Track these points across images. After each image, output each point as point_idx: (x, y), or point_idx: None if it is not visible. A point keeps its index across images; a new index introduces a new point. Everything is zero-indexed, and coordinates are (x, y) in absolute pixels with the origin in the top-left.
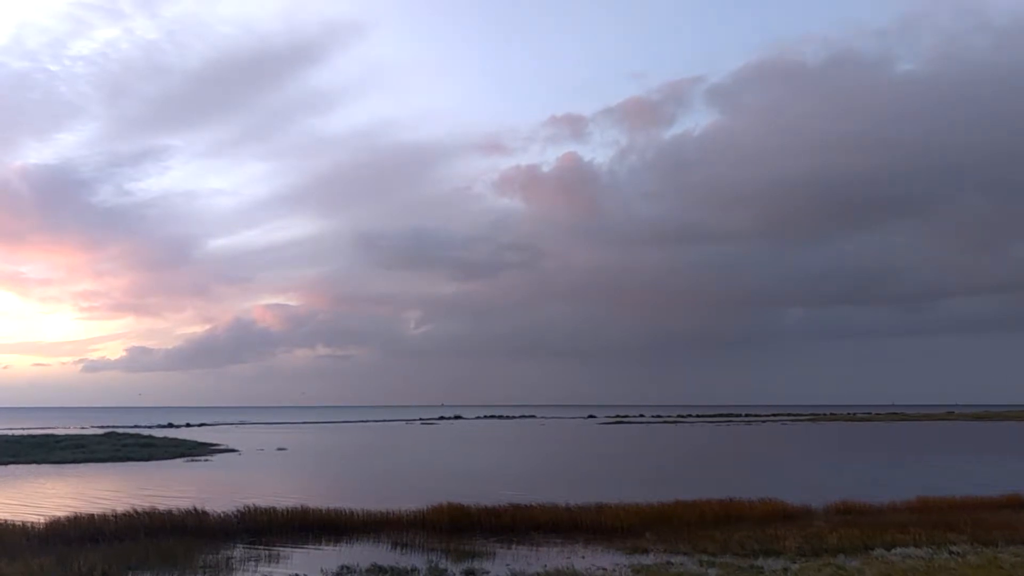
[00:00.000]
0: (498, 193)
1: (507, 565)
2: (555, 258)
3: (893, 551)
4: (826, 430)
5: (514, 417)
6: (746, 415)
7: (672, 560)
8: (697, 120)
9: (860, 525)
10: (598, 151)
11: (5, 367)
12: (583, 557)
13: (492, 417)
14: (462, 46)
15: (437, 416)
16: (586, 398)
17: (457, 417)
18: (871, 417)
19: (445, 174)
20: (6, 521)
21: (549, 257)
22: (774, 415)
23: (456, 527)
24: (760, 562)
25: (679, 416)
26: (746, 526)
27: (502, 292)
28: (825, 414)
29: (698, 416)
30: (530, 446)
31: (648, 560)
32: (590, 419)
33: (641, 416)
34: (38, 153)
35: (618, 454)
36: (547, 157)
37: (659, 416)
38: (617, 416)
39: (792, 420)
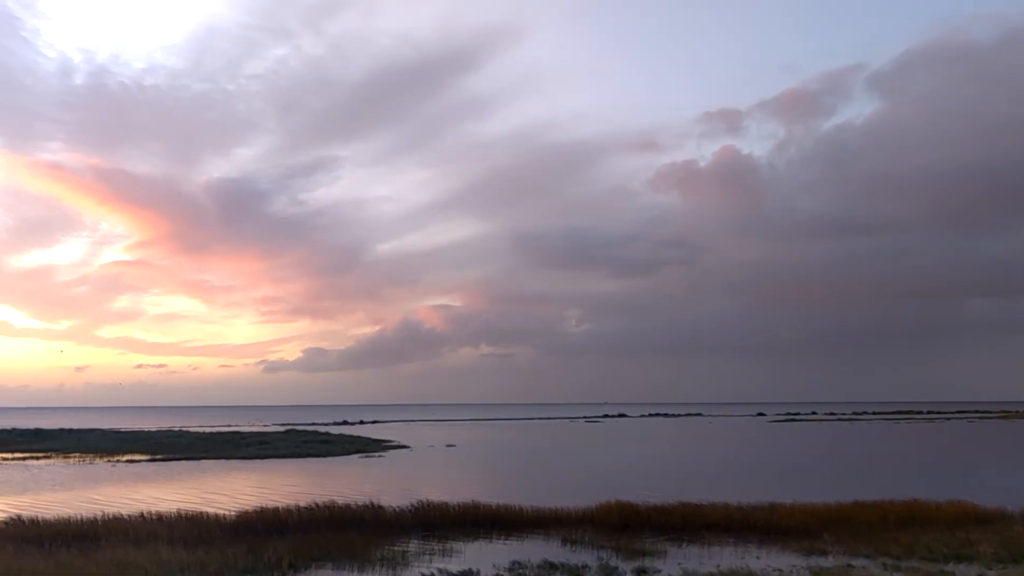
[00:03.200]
0: (654, 190)
1: (679, 564)
2: (715, 254)
3: None
4: (1019, 428)
5: (679, 415)
6: (928, 412)
7: (852, 563)
8: (859, 109)
9: None
10: (755, 145)
11: (194, 368)
12: (757, 558)
13: (656, 415)
14: (614, 46)
15: (601, 414)
16: (754, 395)
17: (621, 415)
18: None
19: (600, 173)
20: (202, 512)
21: (708, 253)
22: (959, 412)
23: (625, 525)
24: (951, 568)
25: (854, 413)
26: (934, 529)
27: (662, 289)
28: (1018, 411)
29: (874, 413)
30: (697, 444)
31: (827, 563)
32: (759, 417)
33: (813, 413)
34: (219, 168)
35: (790, 453)
36: (703, 152)
37: (832, 413)
38: (788, 414)
39: (980, 417)
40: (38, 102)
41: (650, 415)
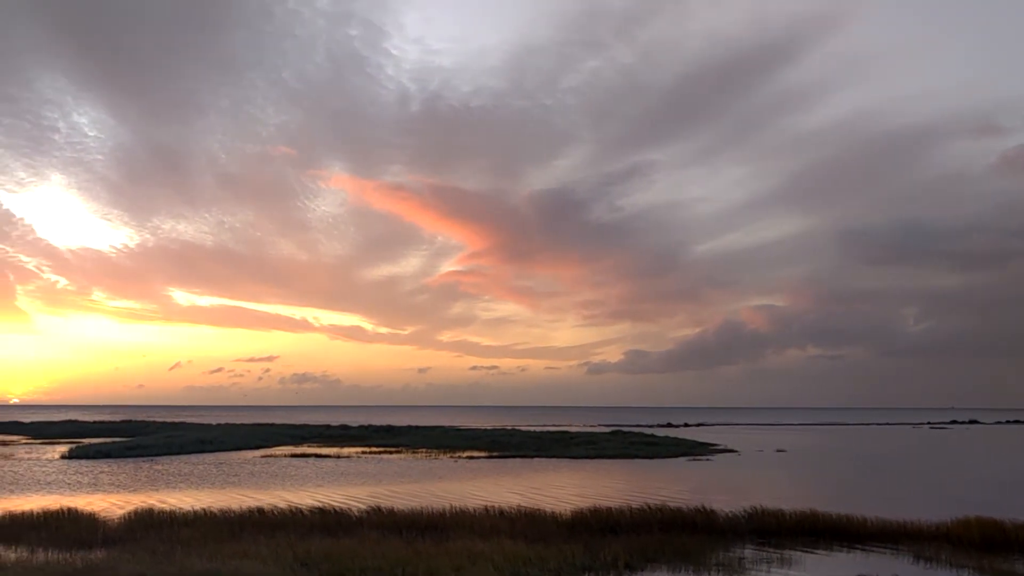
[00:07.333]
0: (998, 176)
1: None
2: None
3: None
4: None
5: None
6: None
7: None
8: None
9: None
10: None
11: (523, 370)
12: None
13: (1016, 423)
14: (943, 22)
15: (948, 420)
16: None
17: (972, 422)
18: None
19: (933, 161)
20: (539, 509)
21: None
22: None
23: (988, 544)
24: None
25: None
26: None
27: (1013, 283)
28: None
29: None
30: None
31: None
32: None
33: None
34: (540, 180)
35: None
36: None
37: None
38: None
39: None
40: (381, 130)
41: (1008, 422)
